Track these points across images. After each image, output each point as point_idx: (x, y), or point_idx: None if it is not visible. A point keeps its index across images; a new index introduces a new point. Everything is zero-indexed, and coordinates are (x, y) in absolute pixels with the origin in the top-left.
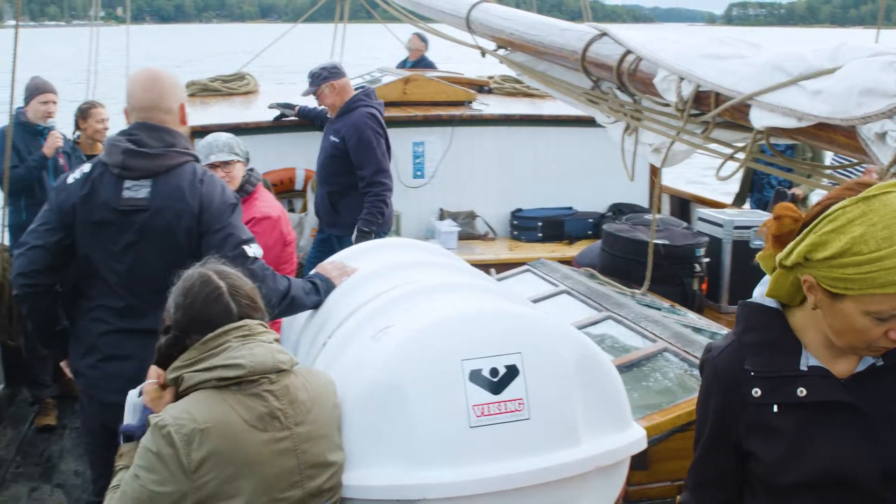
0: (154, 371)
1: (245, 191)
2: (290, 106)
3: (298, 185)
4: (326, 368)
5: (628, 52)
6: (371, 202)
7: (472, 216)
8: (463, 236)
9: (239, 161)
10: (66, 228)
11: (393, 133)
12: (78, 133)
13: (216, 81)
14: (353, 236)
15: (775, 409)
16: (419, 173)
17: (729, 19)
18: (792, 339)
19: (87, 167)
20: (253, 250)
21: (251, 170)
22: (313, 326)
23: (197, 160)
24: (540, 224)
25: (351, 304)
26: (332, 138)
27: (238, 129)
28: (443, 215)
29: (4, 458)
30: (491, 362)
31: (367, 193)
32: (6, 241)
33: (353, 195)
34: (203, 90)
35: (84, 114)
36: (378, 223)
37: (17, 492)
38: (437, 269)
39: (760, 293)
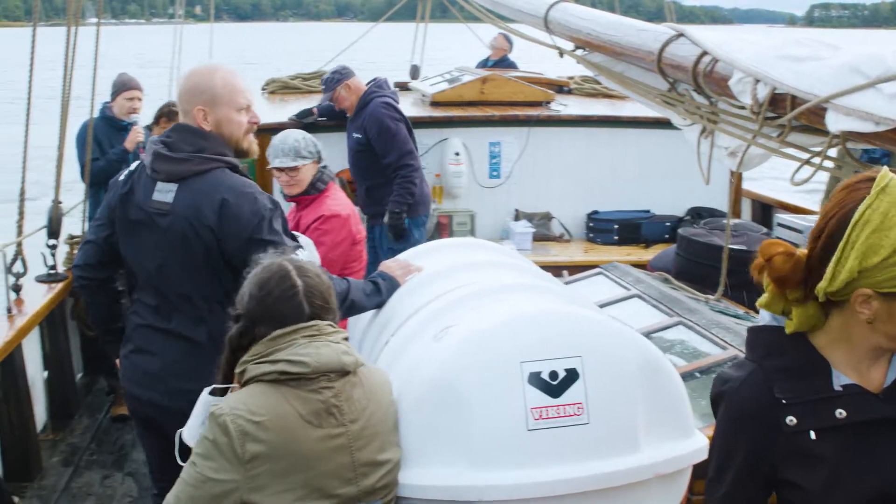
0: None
1: (316, 189)
2: (308, 112)
3: None
4: (388, 367)
5: (704, 52)
6: (399, 184)
7: (547, 217)
8: (538, 237)
9: (307, 163)
10: (112, 224)
11: (469, 132)
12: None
13: (296, 79)
14: (385, 218)
15: (813, 435)
16: (495, 173)
17: (810, 21)
18: (819, 359)
19: (133, 165)
20: (300, 256)
21: (324, 167)
22: (377, 324)
23: (230, 166)
24: (616, 227)
25: (414, 304)
26: (355, 135)
27: (310, 127)
28: (518, 216)
29: (79, 446)
30: (550, 365)
31: (395, 177)
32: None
33: (391, 184)
34: (283, 87)
35: (169, 116)
36: (408, 203)
37: (90, 478)
38: (502, 269)
39: (769, 317)
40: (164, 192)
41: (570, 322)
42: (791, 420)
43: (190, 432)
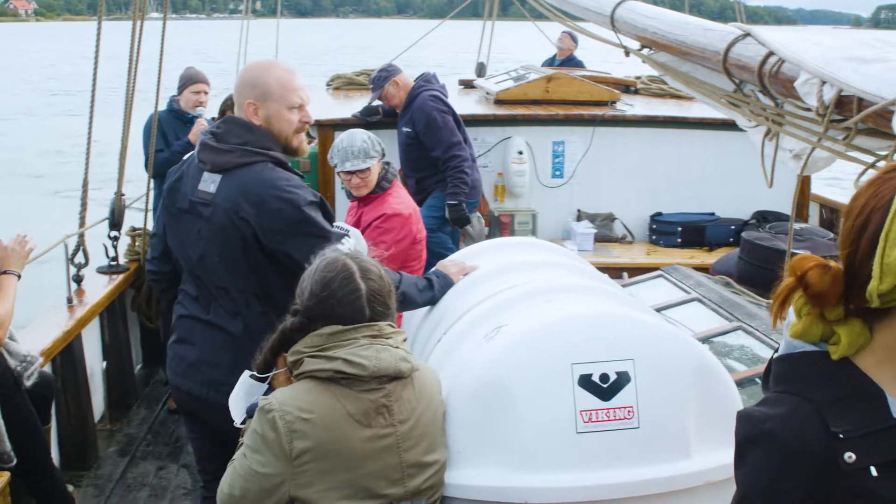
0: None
1: (381, 187)
2: (374, 110)
3: None
4: (439, 366)
5: (771, 53)
6: (451, 175)
7: (610, 218)
8: (600, 238)
9: (374, 163)
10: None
11: (533, 131)
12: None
13: (361, 76)
14: (446, 212)
15: (874, 471)
16: (558, 173)
17: (877, 22)
18: (870, 385)
19: (186, 156)
20: (346, 246)
21: (388, 163)
22: (430, 322)
23: (275, 161)
24: (680, 229)
25: (468, 302)
26: (405, 129)
27: (376, 125)
28: (580, 216)
29: (136, 437)
30: (601, 367)
31: (446, 169)
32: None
33: (440, 175)
34: (348, 84)
35: (222, 110)
36: (464, 192)
37: (145, 469)
38: (557, 270)
39: (798, 344)
40: (209, 183)
41: (622, 324)
42: (850, 456)
43: (236, 417)
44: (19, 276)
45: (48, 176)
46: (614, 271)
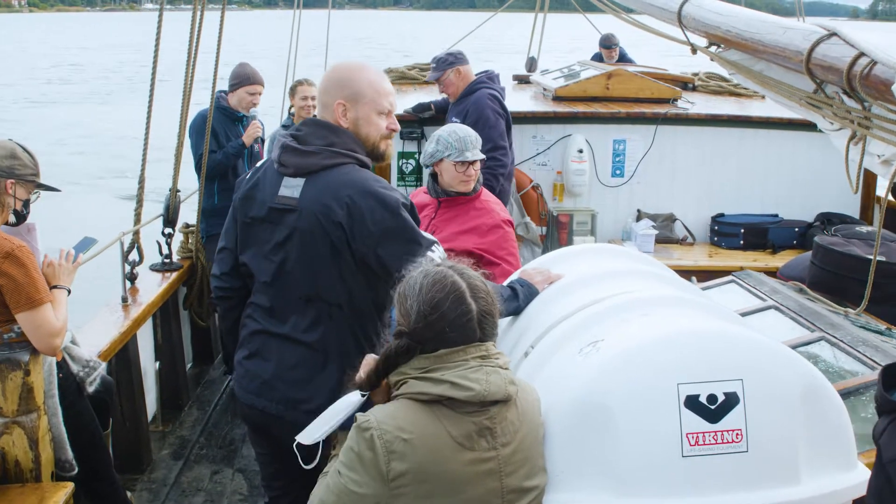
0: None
1: (473, 189)
2: (426, 106)
3: None
4: (528, 380)
5: (861, 54)
6: (483, 174)
7: (670, 219)
8: (660, 239)
9: None
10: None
11: (593, 129)
12: (292, 109)
13: (413, 69)
14: None
15: None
16: (618, 172)
17: (874, 14)
18: None
19: (260, 162)
20: (437, 254)
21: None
22: (513, 333)
23: (360, 164)
24: (742, 231)
25: (556, 314)
26: (454, 119)
27: (430, 120)
28: (640, 216)
29: (189, 439)
30: (709, 388)
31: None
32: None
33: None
34: (400, 78)
35: (292, 91)
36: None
37: (199, 473)
38: (645, 279)
39: None
40: (291, 188)
41: (730, 342)
42: None
43: (311, 434)
44: (69, 291)
45: (63, 166)
46: (680, 275)
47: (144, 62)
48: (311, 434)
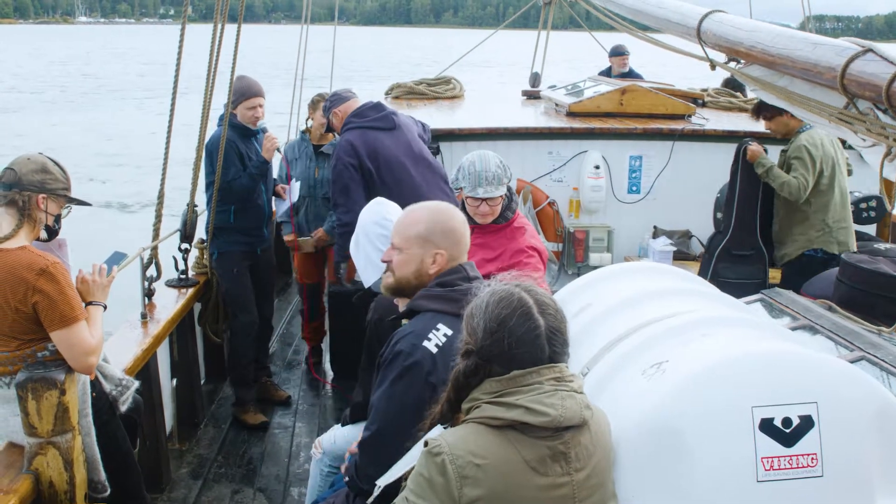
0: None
1: (504, 217)
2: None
3: None
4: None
5: None
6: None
7: (686, 235)
8: (677, 256)
9: (505, 190)
10: None
11: (610, 145)
12: (309, 122)
13: (421, 84)
14: None
15: None
16: (635, 188)
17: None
18: None
19: None
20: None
21: (509, 189)
22: None
23: None
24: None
25: (608, 335)
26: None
27: (446, 136)
28: (656, 233)
29: (207, 457)
30: (784, 411)
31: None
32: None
33: None
34: (408, 93)
35: (313, 104)
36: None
37: (220, 493)
38: (694, 298)
39: None
40: None
41: (802, 363)
42: None
43: (391, 475)
44: (105, 307)
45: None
46: None
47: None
48: (392, 475)
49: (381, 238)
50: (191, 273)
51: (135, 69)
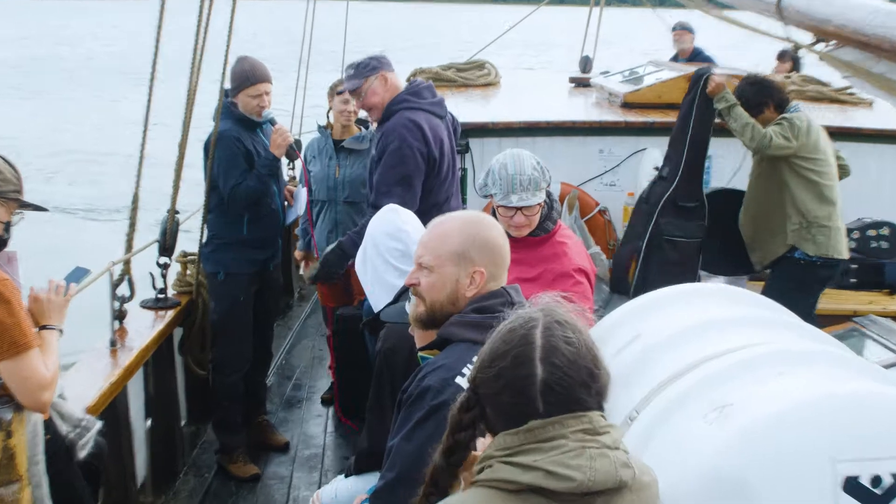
0: None
1: (544, 228)
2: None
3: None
4: (639, 451)
5: None
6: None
7: None
8: (752, 276)
9: (544, 196)
10: None
11: None
12: (330, 115)
13: (449, 70)
14: None
15: None
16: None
17: None
18: None
19: None
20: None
21: (549, 194)
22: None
23: None
24: (854, 267)
25: (663, 372)
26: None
27: (477, 131)
28: None
29: None
30: (873, 467)
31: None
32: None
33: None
34: (434, 79)
35: (332, 91)
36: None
37: None
38: (769, 327)
39: None
40: None
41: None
42: None
43: None
44: (61, 332)
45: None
46: None
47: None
48: None
49: (394, 253)
50: (171, 292)
51: (109, 48)
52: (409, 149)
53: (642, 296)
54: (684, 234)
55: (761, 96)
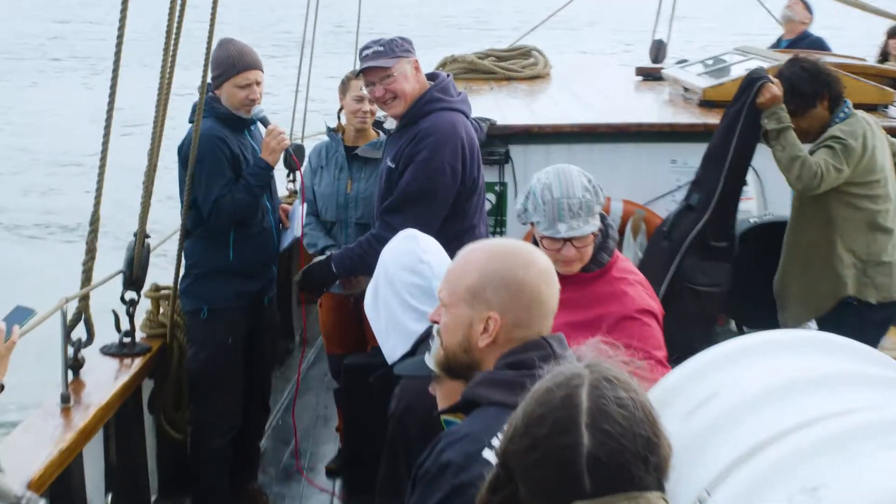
0: None
1: (598, 262)
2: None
3: (614, 225)
4: None
5: None
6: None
7: None
8: None
9: (598, 222)
10: None
11: (765, 149)
12: (342, 116)
13: (487, 58)
14: None
15: None
16: None
17: None
18: None
19: None
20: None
21: (603, 218)
22: (675, 468)
23: None
24: None
25: (739, 443)
26: (389, 162)
27: (521, 136)
28: None
29: None
30: None
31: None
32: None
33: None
34: (468, 70)
35: (343, 86)
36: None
37: None
38: (876, 388)
39: None
40: None
41: None
42: None
43: None
44: (2, 387)
45: None
46: None
47: None
48: None
49: (413, 290)
50: (139, 335)
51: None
52: (440, 163)
53: (724, 343)
54: (710, 282)
55: (817, 85)
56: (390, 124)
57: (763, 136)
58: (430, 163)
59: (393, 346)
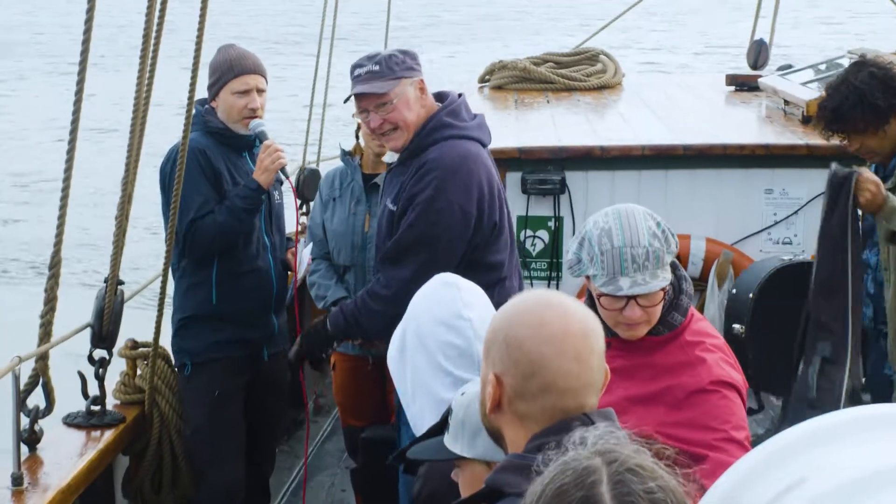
0: None
1: (668, 324)
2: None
3: (695, 269)
4: None
5: None
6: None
7: None
8: None
9: (670, 274)
10: None
11: None
12: (360, 137)
13: (544, 64)
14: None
15: None
16: None
17: None
18: None
19: None
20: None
21: (675, 268)
22: None
23: None
24: None
25: None
26: (389, 203)
27: (580, 160)
28: None
29: None
30: None
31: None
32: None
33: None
34: (521, 80)
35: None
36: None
37: None
38: None
39: None
40: None
41: None
42: None
43: None
44: None
45: None
46: None
47: None
48: None
49: (447, 350)
50: (111, 402)
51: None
52: (446, 202)
53: (818, 418)
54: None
55: (892, 95)
56: (390, 157)
57: (890, 239)
58: (435, 203)
59: (420, 415)
